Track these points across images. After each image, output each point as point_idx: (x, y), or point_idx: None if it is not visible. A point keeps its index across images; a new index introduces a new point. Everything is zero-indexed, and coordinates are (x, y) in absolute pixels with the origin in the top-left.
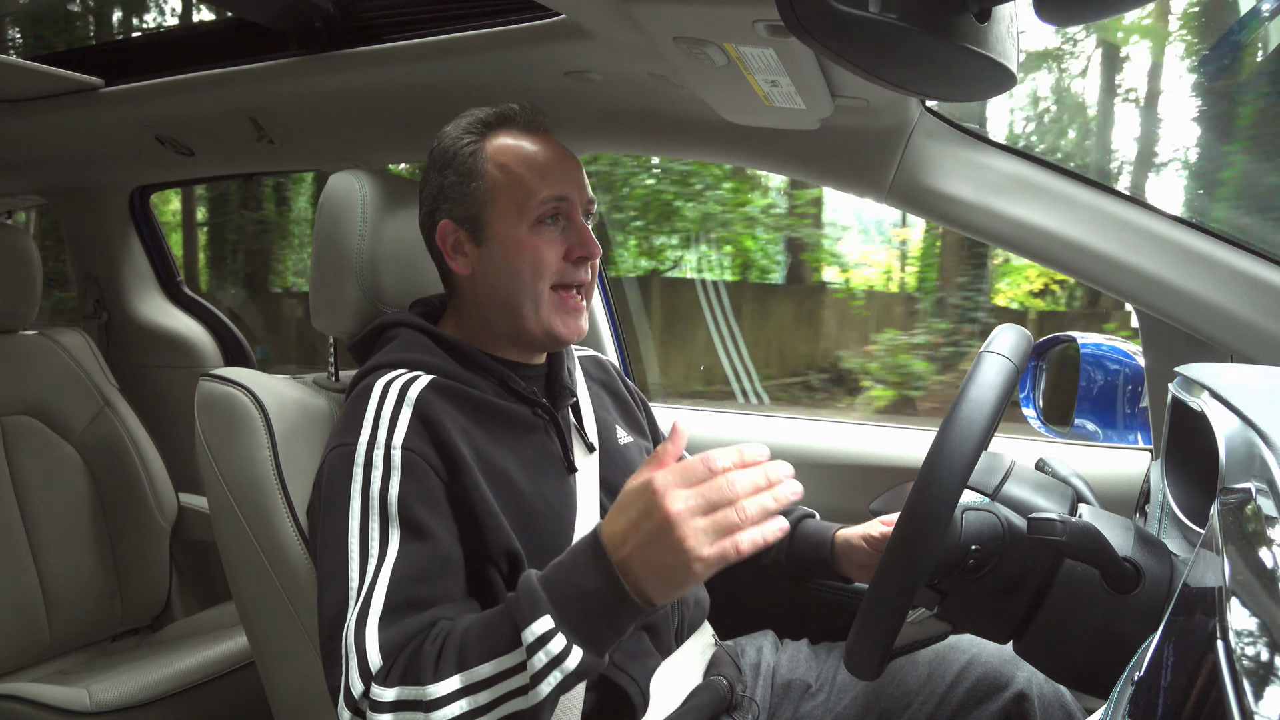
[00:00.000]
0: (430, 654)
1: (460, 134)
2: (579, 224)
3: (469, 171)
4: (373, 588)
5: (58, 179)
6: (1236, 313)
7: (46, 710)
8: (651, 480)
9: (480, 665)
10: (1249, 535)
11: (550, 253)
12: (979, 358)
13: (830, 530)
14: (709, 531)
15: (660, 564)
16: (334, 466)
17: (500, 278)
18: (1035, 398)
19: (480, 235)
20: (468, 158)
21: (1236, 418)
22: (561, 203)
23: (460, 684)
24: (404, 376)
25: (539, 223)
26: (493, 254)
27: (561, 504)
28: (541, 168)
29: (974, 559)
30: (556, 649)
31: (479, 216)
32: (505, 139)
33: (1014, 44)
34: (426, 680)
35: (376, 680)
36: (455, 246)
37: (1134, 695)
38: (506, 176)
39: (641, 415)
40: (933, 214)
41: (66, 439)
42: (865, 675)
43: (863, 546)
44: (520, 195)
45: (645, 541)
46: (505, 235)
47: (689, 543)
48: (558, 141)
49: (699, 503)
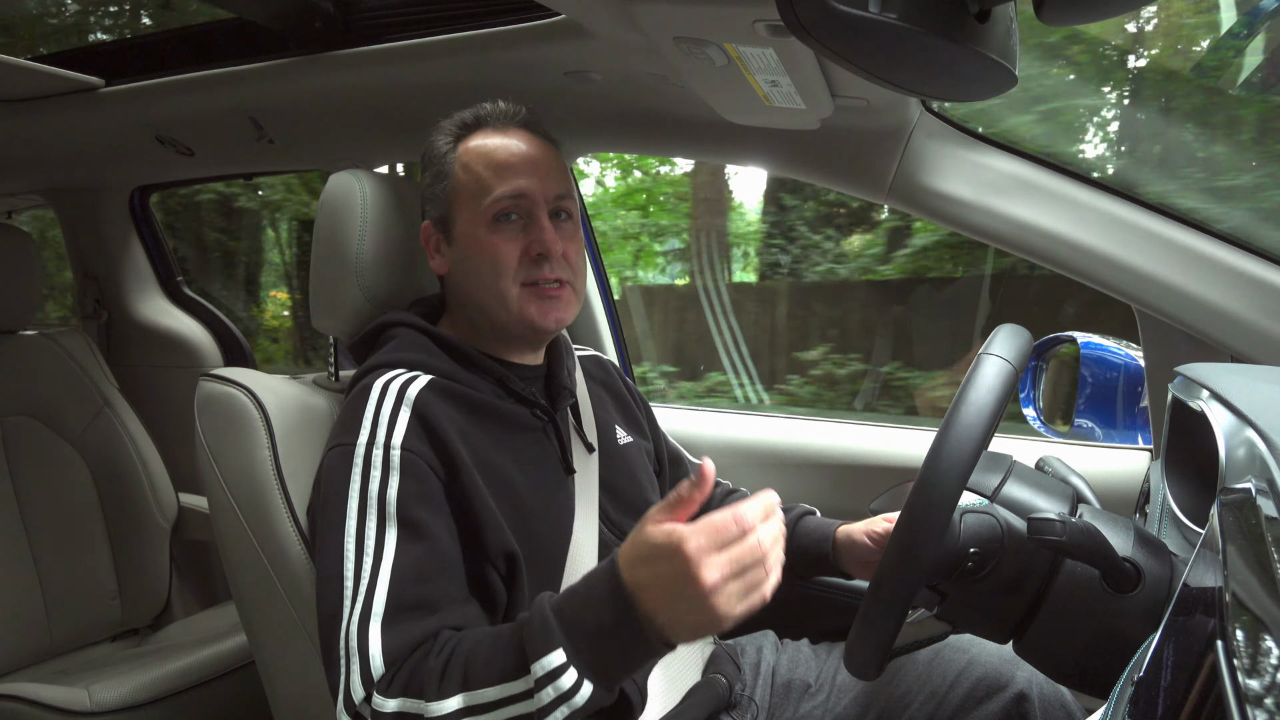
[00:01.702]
0: (434, 669)
1: (441, 136)
2: (540, 221)
3: (440, 173)
4: (373, 588)
5: (58, 179)
6: (1236, 313)
7: (46, 710)
8: (683, 543)
9: (485, 689)
10: (1249, 535)
11: (508, 250)
12: (979, 358)
13: (831, 526)
14: (739, 593)
15: (690, 621)
16: (333, 466)
17: (467, 277)
18: (1035, 398)
19: (450, 234)
20: (441, 159)
21: (1236, 418)
22: (518, 200)
23: (462, 704)
24: (403, 376)
25: (496, 221)
26: (459, 253)
27: (559, 505)
28: (499, 165)
29: (973, 561)
30: (567, 684)
31: (448, 216)
32: (476, 140)
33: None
34: (430, 696)
35: (379, 689)
36: (436, 246)
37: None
38: (467, 175)
39: (641, 415)
40: (933, 214)
41: (66, 439)
42: (865, 675)
43: (865, 543)
44: (477, 193)
45: (674, 599)
46: (467, 235)
47: (721, 607)
48: (532, 136)
49: (732, 569)
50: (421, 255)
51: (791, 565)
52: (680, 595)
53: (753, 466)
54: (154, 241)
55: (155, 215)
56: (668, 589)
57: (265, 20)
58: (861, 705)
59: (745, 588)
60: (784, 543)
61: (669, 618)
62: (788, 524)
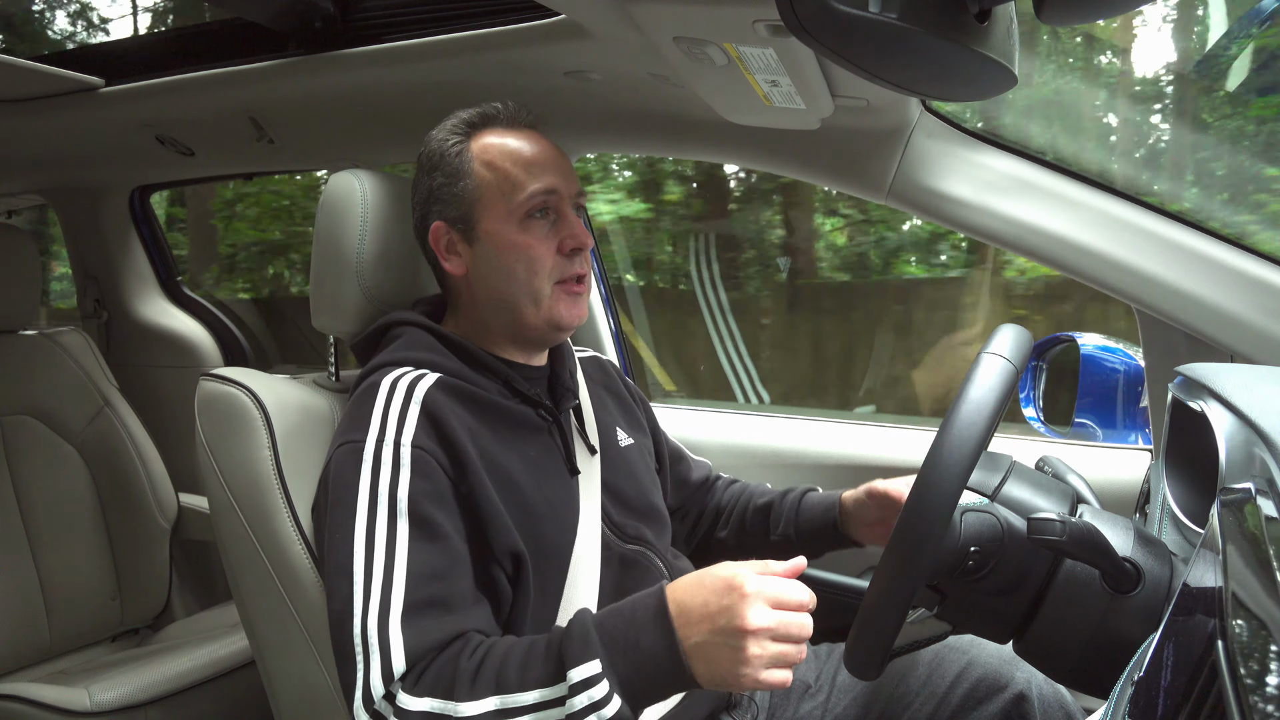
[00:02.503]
0: (466, 670)
1: (446, 135)
2: (569, 216)
3: (456, 172)
4: (389, 585)
5: (58, 179)
6: (1236, 313)
7: (46, 710)
8: (746, 582)
9: (520, 693)
10: (1249, 535)
11: (542, 248)
12: (978, 358)
13: (835, 496)
14: (769, 660)
15: (716, 659)
16: (342, 463)
17: (495, 275)
18: (1035, 398)
19: (472, 234)
20: (454, 158)
21: (1236, 418)
22: (550, 196)
23: (496, 706)
24: (411, 374)
25: (528, 218)
26: (485, 252)
27: (564, 506)
28: (527, 162)
29: (973, 560)
30: (599, 694)
31: (469, 215)
32: (490, 137)
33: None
34: (461, 697)
35: (404, 686)
36: (449, 247)
37: (1134, 695)
38: (493, 173)
39: (641, 414)
40: (933, 214)
41: (66, 439)
42: (866, 675)
43: (868, 503)
44: (508, 191)
45: (714, 632)
46: (496, 232)
47: (750, 661)
48: (542, 136)
49: (775, 626)
50: (421, 255)
51: (800, 544)
52: (721, 630)
53: (753, 466)
54: (154, 241)
55: (155, 215)
56: (712, 619)
57: (265, 20)
58: (861, 705)
59: (778, 655)
60: (794, 538)
61: (702, 645)
62: (791, 502)
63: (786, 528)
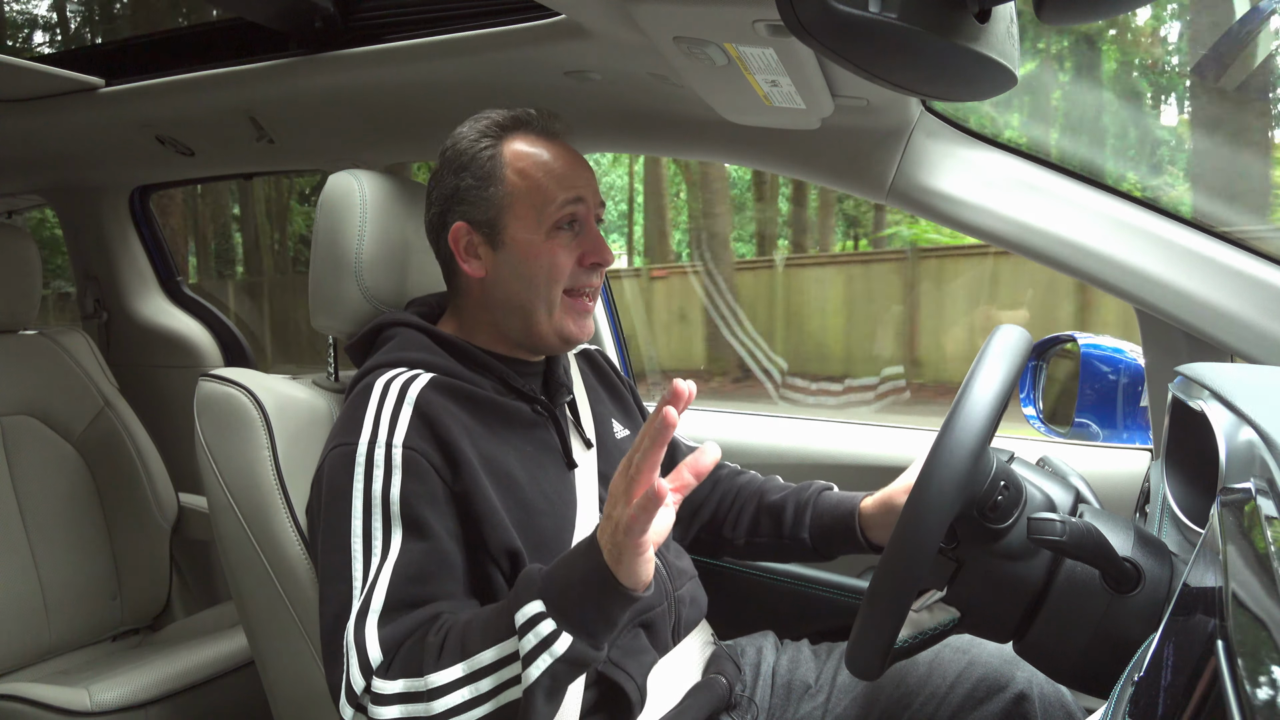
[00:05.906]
0: (433, 644)
1: (477, 136)
2: (592, 229)
3: (487, 175)
4: (373, 587)
5: (58, 179)
6: (1236, 313)
7: (46, 710)
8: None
9: (482, 652)
10: (1249, 535)
11: (565, 258)
12: (979, 358)
13: (854, 500)
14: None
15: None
16: (334, 466)
17: (514, 281)
18: (1035, 398)
19: (497, 239)
20: (485, 161)
21: (1236, 418)
22: (578, 207)
23: (463, 671)
24: (404, 375)
25: (556, 228)
26: (509, 258)
27: (562, 500)
28: (559, 174)
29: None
30: (545, 630)
31: (496, 221)
32: (522, 144)
33: (1014, 44)
34: (428, 670)
35: (378, 674)
36: (469, 249)
37: (1134, 695)
38: (526, 182)
39: (634, 404)
40: (933, 214)
41: (66, 439)
42: (868, 675)
43: (898, 507)
44: (539, 201)
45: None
46: (523, 240)
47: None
48: (571, 147)
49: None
50: (421, 255)
51: (816, 547)
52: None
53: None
54: (154, 241)
55: (155, 215)
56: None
57: (265, 20)
58: (862, 706)
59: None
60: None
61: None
62: (803, 501)
63: (798, 529)
